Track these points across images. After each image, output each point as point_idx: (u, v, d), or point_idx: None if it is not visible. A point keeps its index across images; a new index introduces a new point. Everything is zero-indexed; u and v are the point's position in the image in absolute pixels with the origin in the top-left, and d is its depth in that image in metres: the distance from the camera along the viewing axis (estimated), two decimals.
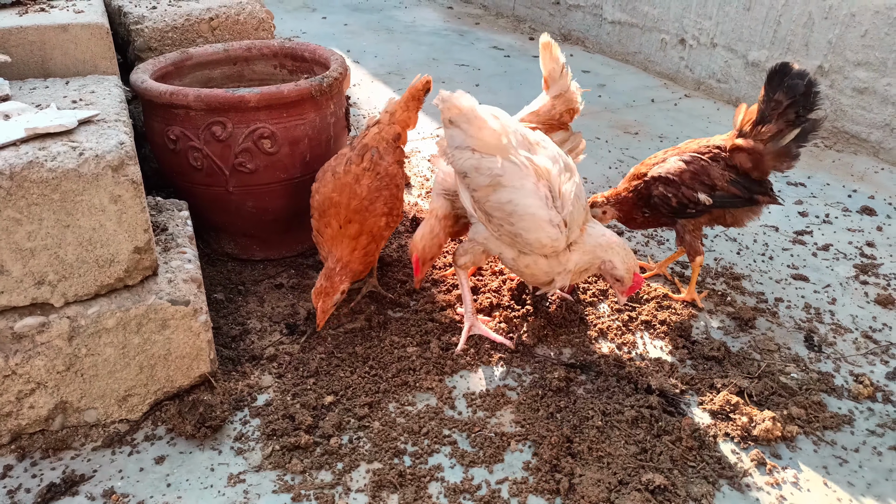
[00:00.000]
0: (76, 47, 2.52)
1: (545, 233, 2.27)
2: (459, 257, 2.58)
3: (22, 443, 2.11)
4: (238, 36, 3.46)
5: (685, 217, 2.71)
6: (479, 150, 2.29)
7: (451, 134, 2.34)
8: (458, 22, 7.74)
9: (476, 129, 2.29)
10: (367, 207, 2.54)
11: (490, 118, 2.32)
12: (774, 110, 2.50)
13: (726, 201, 2.62)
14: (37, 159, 1.85)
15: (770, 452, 2.16)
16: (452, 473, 2.06)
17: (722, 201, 2.61)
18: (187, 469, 2.07)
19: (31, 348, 2.00)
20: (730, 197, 2.60)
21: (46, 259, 1.95)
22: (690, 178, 2.61)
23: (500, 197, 2.27)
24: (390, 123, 2.80)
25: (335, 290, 2.45)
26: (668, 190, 2.64)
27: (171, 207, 2.59)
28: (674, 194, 2.63)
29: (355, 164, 2.60)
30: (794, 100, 2.45)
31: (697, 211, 2.65)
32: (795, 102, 2.46)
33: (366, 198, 2.54)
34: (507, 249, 2.39)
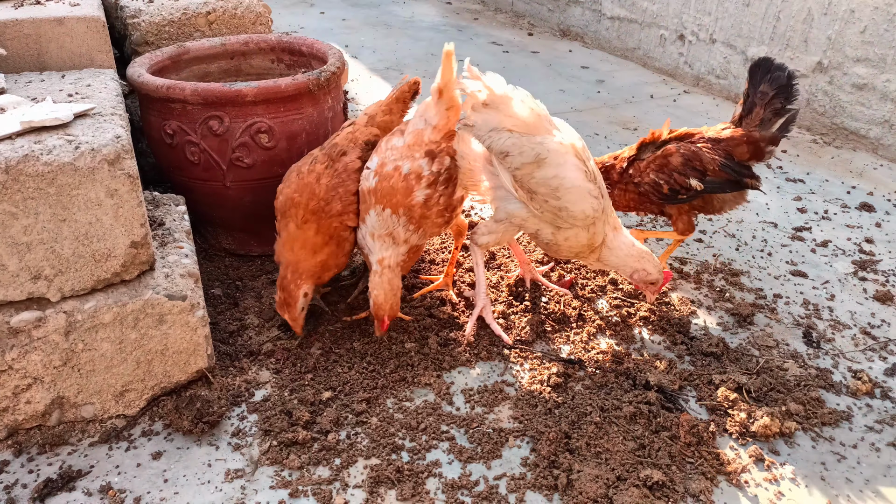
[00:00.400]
0: (72, 40, 2.50)
1: (588, 203, 2.34)
2: (481, 236, 2.54)
3: (18, 438, 2.10)
4: (235, 30, 3.44)
5: (676, 203, 2.73)
6: (517, 129, 2.31)
7: (486, 118, 2.33)
8: (456, 17, 7.72)
9: (514, 110, 2.33)
10: (324, 208, 2.45)
11: (525, 98, 2.39)
12: (761, 101, 2.61)
13: (716, 186, 2.65)
14: (32, 153, 1.84)
15: (768, 448, 2.16)
16: (450, 469, 2.05)
17: (713, 186, 2.64)
18: (184, 464, 2.06)
19: (28, 343, 1.99)
20: (720, 182, 2.64)
21: (42, 253, 1.93)
22: (683, 163, 2.63)
23: (545, 173, 2.31)
24: (367, 125, 2.68)
25: (294, 298, 2.42)
26: (660, 177, 2.67)
27: (168, 202, 2.58)
28: (665, 181, 2.66)
29: (320, 162, 2.52)
30: (779, 90, 2.58)
31: (689, 196, 2.67)
32: (780, 93, 2.58)
33: (323, 198, 2.45)
34: (546, 226, 2.44)
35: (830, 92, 4.53)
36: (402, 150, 2.46)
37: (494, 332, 2.59)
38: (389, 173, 2.42)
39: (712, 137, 2.69)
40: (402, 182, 2.39)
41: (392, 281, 2.39)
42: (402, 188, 2.39)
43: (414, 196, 2.40)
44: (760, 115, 2.61)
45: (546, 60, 6.19)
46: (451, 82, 2.41)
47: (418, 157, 2.43)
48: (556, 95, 5.29)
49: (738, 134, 2.65)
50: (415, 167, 2.42)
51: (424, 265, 3.04)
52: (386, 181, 2.41)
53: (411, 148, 2.46)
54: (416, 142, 2.47)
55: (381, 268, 2.40)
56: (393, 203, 2.39)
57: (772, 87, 2.59)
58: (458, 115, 2.47)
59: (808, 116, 4.72)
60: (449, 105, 2.46)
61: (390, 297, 2.38)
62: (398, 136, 2.53)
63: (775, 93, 2.58)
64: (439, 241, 3.23)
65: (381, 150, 2.51)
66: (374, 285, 2.39)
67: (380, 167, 2.45)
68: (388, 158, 2.46)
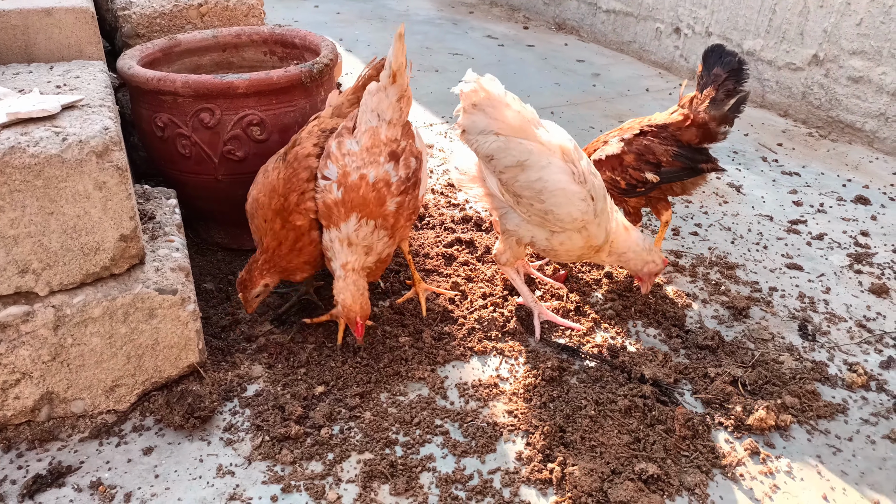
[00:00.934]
0: (60, 32, 2.47)
1: (575, 206, 2.34)
2: (500, 256, 2.59)
3: (7, 434, 2.08)
4: (227, 22, 3.41)
5: (635, 196, 2.79)
6: (502, 132, 2.32)
7: (474, 119, 2.33)
8: (451, 11, 7.69)
9: (500, 113, 2.32)
10: (284, 205, 2.36)
11: (512, 101, 2.36)
12: (714, 82, 2.69)
13: (673, 175, 2.70)
14: (19, 144, 1.81)
15: (764, 441, 2.15)
16: (444, 463, 2.04)
17: (669, 176, 2.70)
18: (176, 460, 2.04)
19: (16, 338, 1.97)
20: (676, 171, 2.70)
21: (30, 247, 1.91)
22: (636, 159, 2.69)
23: (528, 176, 2.32)
24: (332, 117, 2.56)
25: (254, 283, 2.40)
26: (616, 174, 2.72)
27: (158, 195, 2.55)
28: (621, 177, 2.71)
29: (280, 158, 2.45)
30: (731, 72, 2.67)
31: (646, 189, 2.73)
32: (732, 75, 2.67)
33: (282, 194, 2.36)
34: (539, 230, 2.44)
35: (826, 85, 4.51)
36: (362, 155, 2.31)
37: (563, 325, 2.61)
38: (355, 183, 2.28)
39: (660, 124, 2.75)
40: (372, 192, 2.28)
41: (357, 282, 2.29)
42: (374, 199, 2.28)
43: (387, 206, 2.30)
44: (711, 94, 2.68)
45: (541, 54, 6.16)
46: (403, 66, 2.28)
47: (383, 162, 2.31)
48: (552, 89, 5.27)
49: (683, 116, 2.71)
50: (381, 174, 2.29)
51: (419, 259, 3.02)
52: (354, 192, 2.27)
53: (371, 151, 2.31)
54: (374, 143, 2.32)
55: (345, 272, 2.31)
56: (367, 212, 2.28)
57: (724, 69, 2.68)
58: (410, 106, 2.39)
59: (803, 109, 4.71)
60: (401, 94, 2.32)
61: (358, 297, 2.28)
62: (349, 138, 2.35)
63: (727, 75, 2.67)
64: (434, 235, 3.21)
65: (337, 157, 2.33)
66: (339, 290, 2.29)
67: (342, 177, 2.29)
68: (349, 167, 2.30)
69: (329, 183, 2.31)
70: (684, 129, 2.69)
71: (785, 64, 4.75)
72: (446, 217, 3.36)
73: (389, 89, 2.30)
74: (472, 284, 2.85)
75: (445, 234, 3.21)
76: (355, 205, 2.27)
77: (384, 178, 2.30)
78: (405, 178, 2.34)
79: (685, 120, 2.69)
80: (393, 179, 2.31)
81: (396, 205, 2.32)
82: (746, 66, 2.69)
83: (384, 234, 2.33)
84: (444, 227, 3.28)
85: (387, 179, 2.30)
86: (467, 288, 2.82)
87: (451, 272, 2.93)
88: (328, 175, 2.32)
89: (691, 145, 2.69)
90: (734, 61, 2.68)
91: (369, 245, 2.32)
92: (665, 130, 2.71)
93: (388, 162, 2.31)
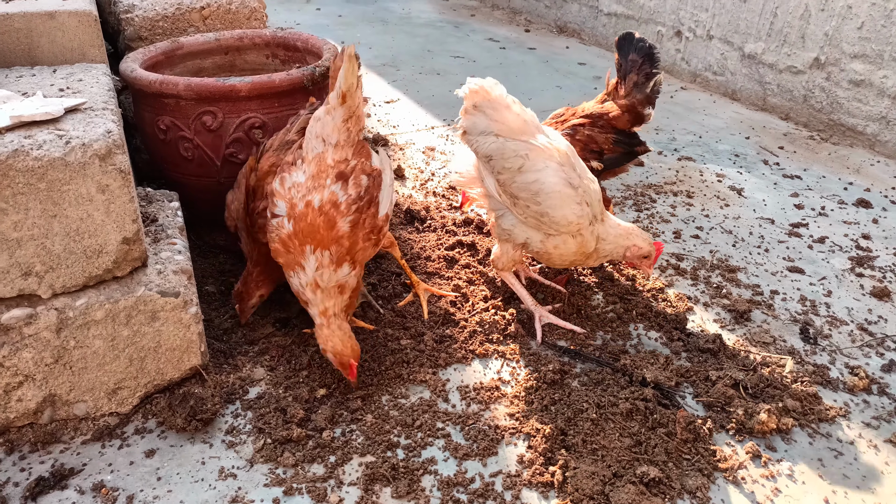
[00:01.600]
0: (63, 35, 2.48)
1: (570, 209, 2.36)
2: (498, 261, 2.61)
3: (10, 436, 2.08)
4: (230, 25, 3.42)
5: None
6: (502, 134, 2.37)
7: (475, 121, 2.40)
8: (453, 13, 7.70)
9: (500, 115, 2.37)
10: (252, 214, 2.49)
11: (513, 104, 2.41)
12: (633, 67, 2.88)
13: (614, 161, 2.84)
14: (22, 147, 1.82)
15: (765, 445, 2.15)
16: (446, 466, 2.04)
17: (610, 162, 2.84)
18: (178, 462, 2.04)
19: (19, 340, 1.97)
20: (616, 157, 2.84)
21: (33, 249, 1.91)
22: (581, 150, 2.78)
23: (525, 178, 2.35)
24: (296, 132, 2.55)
25: (250, 295, 2.52)
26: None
27: (161, 198, 2.55)
28: None
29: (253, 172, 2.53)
30: (645, 57, 2.87)
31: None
32: (647, 59, 2.87)
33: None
34: (534, 233, 2.45)
35: (827, 88, 4.52)
36: (308, 184, 2.20)
37: (566, 328, 2.61)
38: (302, 212, 2.17)
39: (594, 113, 2.87)
40: (320, 217, 2.16)
41: (342, 326, 2.20)
42: (322, 223, 2.16)
43: (339, 228, 2.17)
44: (634, 79, 2.86)
45: (543, 57, 6.17)
46: (354, 86, 2.17)
47: (329, 185, 2.19)
48: (553, 91, 5.27)
49: (617, 105, 2.87)
50: (328, 196, 2.17)
51: (420, 262, 3.02)
52: (302, 221, 2.17)
53: (317, 178, 2.20)
54: (321, 169, 2.21)
55: (326, 319, 2.21)
56: (318, 241, 2.16)
57: (639, 55, 2.87)
58: (361, 125, 2.28)
59: (805, 112, 4.71)
60: (349, 115, 2.21)
61: (347, 341, 2.18)
62: (297, 171, 2.24)
63: (643, 60, 2.86)
64: (435, 238, 3.22)
65: (283, 193, 2.23)
66: (326, 337, 2.19)
67: (290, 210, 2.19)
68: (295, 198, 2.20)
69: (280, 219, 2.22)
70: (619, 116, 2.85)
71: (786, 67, 4.75)
72: (447, 220, 3.36)
73: (337, 111, 2.19)
74: (473, 287, 2.85)
75: (447, 237, 3.21)
76: (306, 234, 2.17)
77: (331, 200, 2.18)
78: (356, 196, 2.21)
79: (618, 107, 2.86)
80: (341, 199, 2.19)
81: (350, 224, 2.19)
82: (657, 50, 2.89)
83: (346, 266, 2.22)
84: (445, 230, 3.29)
85: (334, 200, 2.18)
86: (469, 291, 2.82)
87: (453, 275, 2.93)
88: (278, 213, 2.23)
89: (626, 131, 2.87)
90: (646, 47, 2.87)
91: (341, 284, 2.22)
92: (601, 119, 2.85)
93: (334, 183, 2.20)
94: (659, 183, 3.88)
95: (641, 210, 3.58)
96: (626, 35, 2.94)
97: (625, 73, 2.90)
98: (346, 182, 2.22)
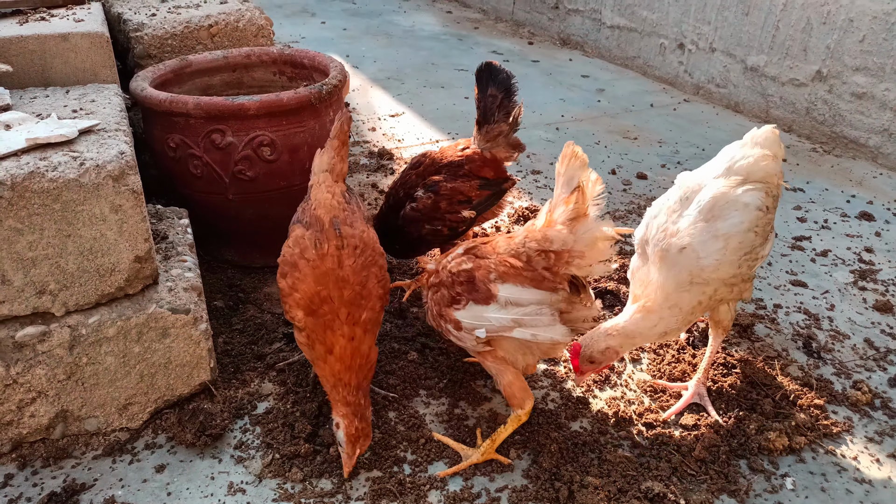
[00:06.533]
0: (76, 56, 2.53)
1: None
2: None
3: (23, 451, 2.11)
4: (237, 43, 3.47)
5: (458, 236, 2.79)
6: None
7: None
8: (457, 26, 7.76)
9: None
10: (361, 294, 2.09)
11: None
12: (493, 104, 2.71)
13: (484, 205, 2.75)
14: (38, 169, 1.86)
15: (769, 460, 2.16)
16: (452, 482, 2.06)
17: (481, 207, 2.74)
18: (187, 477, 2.07)
19: (33, 357, 2.01)
20: (485, 199, 2.75)
21: (47, 268, 1.95)
22: (448, 205, 2.68)
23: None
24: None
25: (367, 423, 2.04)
26: (435, 224, 2.69)
27: (171, 215, 2.59)
28: (442, 225, 2.69)
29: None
30: (506, 91, 2.71)
31: (467, 226, 2.75)
32: (506, 93, 2.71)
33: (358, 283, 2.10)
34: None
35: (830, 101, 4.55)
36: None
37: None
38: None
39: (455, 162, 2.73)
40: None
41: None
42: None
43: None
44: (502, 129, 2.70)
45: (546, 69, 6.22)
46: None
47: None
48: (557, 104, 5.31)
49: (474, 157, 2.73)
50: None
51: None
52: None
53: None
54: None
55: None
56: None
57: (499, 88, 2.71)
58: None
59: (807, 125, 4.74)
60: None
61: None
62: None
63: (504, 94, 2.71)
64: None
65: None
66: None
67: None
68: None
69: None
70: (481, 167, 2.73)
71: (789, 80, 4.79)
72: None
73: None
74: None
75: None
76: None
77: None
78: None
79: (480, 157, 2.73)
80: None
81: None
82: (514, 80, 2.73)
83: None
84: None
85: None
86: None
87: None
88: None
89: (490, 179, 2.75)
90: (504, 78, 2.72)
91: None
92: (462, 168, 2.72)
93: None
94: None
95: None
96: (484, 67, 2.76)
97: (485, 110, 2.73)
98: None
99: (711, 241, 2.09)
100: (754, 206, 2.12)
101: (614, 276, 3.03)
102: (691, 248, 2.08)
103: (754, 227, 2.12)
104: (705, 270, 2.09)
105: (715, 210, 2.11)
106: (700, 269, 2.08)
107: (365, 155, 4.31)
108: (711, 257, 2.08)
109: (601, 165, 4.28)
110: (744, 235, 2.10)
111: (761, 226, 2.14)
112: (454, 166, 2.74)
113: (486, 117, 2.74)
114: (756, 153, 2.24)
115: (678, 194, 2.22)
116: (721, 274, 2.11)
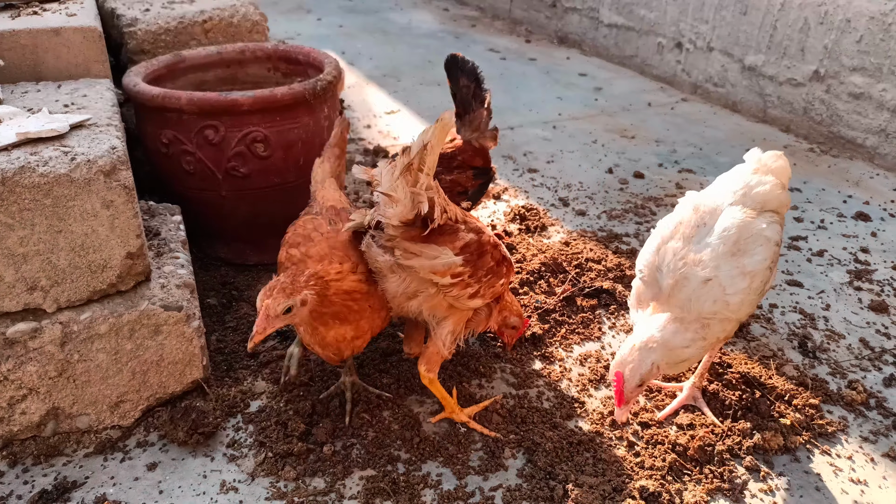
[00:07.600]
0: (68, 51, 2.51)
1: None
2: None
3: (13, 449, 2.09)
4: (231, 39, 3.45)
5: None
6: None
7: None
8: (453, 24, 7.74)
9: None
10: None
11: None
12: (468, 93, 2.76)
13: (477, 194, 2.83)
14: (28, 164, 1.84)
15: (764, 459, 2.16)
16: (446, 481, 2.05)
17: (475, 196, 2.82)
18: (179, 476, 2.06)
19: (23, 354, 1.99)
20: (479, 188, 2.82)
21: (39, 264, 1.93)
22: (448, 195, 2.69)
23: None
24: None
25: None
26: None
27: (163, 212, 2.58)
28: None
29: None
30: (476, 80, 2.76)
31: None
32: (477, 82, 2.76)
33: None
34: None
35: (827, 101, 4.54)
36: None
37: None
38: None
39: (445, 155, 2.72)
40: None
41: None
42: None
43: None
44: (484, 116, 2.78)
45: (544, 68, 6.20)
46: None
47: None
48: (554, 103, 5.30)
49: (465, 148, 2.78)
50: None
51: None
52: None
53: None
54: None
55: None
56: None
57: (470, 78, 2.76)
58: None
59: (805, 125, 4.74)
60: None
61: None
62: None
63: (474, 82, 2.75)
64: None
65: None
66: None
67: None
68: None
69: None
70: (472, 157, 2.78)
71: (786, 80, 4.78)
72: None
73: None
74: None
75: None
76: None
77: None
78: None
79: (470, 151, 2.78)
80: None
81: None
82: (480, 70, 2.78)
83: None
84: None
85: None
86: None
87: None
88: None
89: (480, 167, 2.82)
90: (472, 68, 2.76)
91: None
92: (455, 160, 2.76)
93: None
94: (659, 195, 3.90)
95: (642, 222, 3.60)
96: (451, 59, 2.79)
97: (462, 101, 2.77)
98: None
99: (739, 278, 2.02)
100: (773, 241, 2.09)
101: (609, 274, 3.02)
102: (717, 281, 2.01)
103: (771, 264, 2.09)
104: (730, 307, 2.02)
105: (740, 243, 2.04)
106: (726, 304, 2.02)
107: (360, 152, 4.29)
108: (738, 296, 2.02)
109: (598, 164, 4.27)
110: (764, 273, 2.07)
111: (775, 260, 2.12)
112: (447, 158, 2.75)
113: (465, 107, 2.79)
114: (771, 181, 2.21)
115: (694, 219, 2.13)
116: (743, 312, 2.07)
